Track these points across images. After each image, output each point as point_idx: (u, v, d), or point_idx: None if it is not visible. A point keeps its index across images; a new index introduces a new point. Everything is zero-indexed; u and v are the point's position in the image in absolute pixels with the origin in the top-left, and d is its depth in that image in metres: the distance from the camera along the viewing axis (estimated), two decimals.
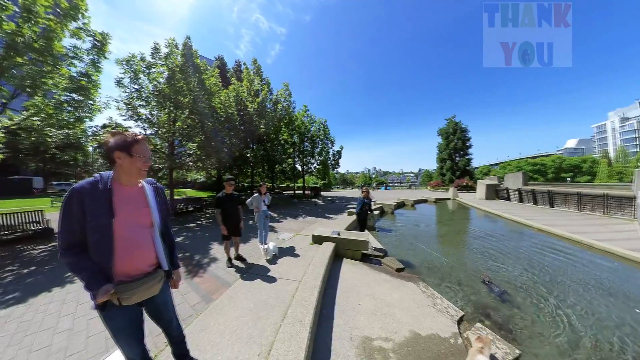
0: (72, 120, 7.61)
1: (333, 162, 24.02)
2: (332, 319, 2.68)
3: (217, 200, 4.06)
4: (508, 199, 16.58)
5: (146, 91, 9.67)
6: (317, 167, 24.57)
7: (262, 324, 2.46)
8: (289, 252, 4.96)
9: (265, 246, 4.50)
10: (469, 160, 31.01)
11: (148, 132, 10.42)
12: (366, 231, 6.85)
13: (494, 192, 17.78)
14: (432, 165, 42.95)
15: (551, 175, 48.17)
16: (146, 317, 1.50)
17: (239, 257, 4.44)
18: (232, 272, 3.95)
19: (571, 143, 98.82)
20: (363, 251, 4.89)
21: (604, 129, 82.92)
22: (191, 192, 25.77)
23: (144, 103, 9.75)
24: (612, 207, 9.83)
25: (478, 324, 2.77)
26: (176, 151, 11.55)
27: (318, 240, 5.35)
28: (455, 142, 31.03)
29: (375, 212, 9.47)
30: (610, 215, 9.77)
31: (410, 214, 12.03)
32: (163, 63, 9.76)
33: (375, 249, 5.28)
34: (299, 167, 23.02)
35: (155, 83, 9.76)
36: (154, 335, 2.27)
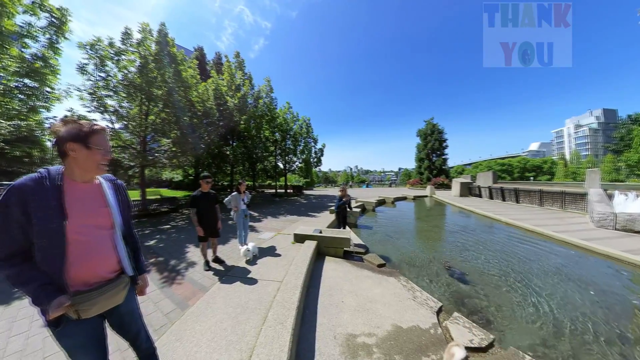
0: (24, 109, 6.79)
1: (315, 160, 23.92)
2: (315, 318, 2.63)
3: (193, 199, 3.83)
4: (480, 196, 17.70)
5: (114, 80, 8.82)
6: (300, 165, 24.43)
7: (242, 328, 2.35)
8: (270, 252, 4.83)
9: (245, 247, 4.32)
10: (445, 160, 32.68)
11: (117, 125, 9.61)
12: (347, 228, 6.93)
13: (467, 190, 18.88)
14: (411, 164, 44.72)
15: (517, 175, 52.71)
16: (110, 331, 1.34)
17: (217, 259, 4.24)
18: (210, 275, 3.75)
19: (534, 146, 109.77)
20: (345, 248, 4.90)
21: (561, 134, 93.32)
22: (166, 192, 24.32)
23: (111, 93, 8.89)
24: (568, 202, 10.94)
25: (456, 313, 2.90)
26: (149, 147, 10.78)
27: (300, 239, 5.27)
28: (432, 143, 32.46)
29: (356, 210, 9.56)
30: (566, 209, 10.83)
31: (390, 211, 12.39)
32: (135, 50, 8.96)
33: (357, 246, 5.33)
34: (281, 165, 22.68)
35: (125, 72, 8.94)
36: (122, 350, 2.06)
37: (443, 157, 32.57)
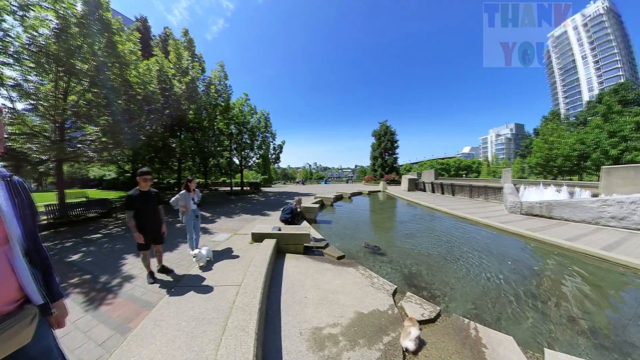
0: None
1: (274, 156, 23.30)
2: (279, 318, 2.57)
3: (128, 200, 3.23)
4: (424, 190, 19.97)
5: (17, 43, 6.56)
6: (257, 161, 23.45)
7: (199, 343, 2.12)
8: (226, 254, 4.51)
9: (197, 251, 3.90)
10: (396, 158, 35.82)
11: (20, 106, 7.52)
12: (306, 224, 6.97)
13: (414, 185, 21.10)
14: (366, 162, 47.41)
15: (453, 172, 61.45)
16: None
17: (164, 269, 3.71)
18: (156, 288, 3.25)
19: (466, 149, 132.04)
20: (305, 244, 4.91)
21: (486, 141, 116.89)
22: (95, 193, 20.43)
23: (11, 61, 6.64)
24: (489, 194, 13.30)
25: (408, 293, 3.24)
26: (68, 136, 8.76)
27: (258, 238, 5.06)
28: (385, 143, 35.11)
29: (315, 205, 9.59)
30: (488, 200, 13.15)
31: (347, 206, 13.00)
32: (50, 7, 6.77)
33: (317, 241, 5.40)
34: (237, 161, 21.40)
35: (34, 34, 6.72)
36: None
37: (394, 156, 35.60)
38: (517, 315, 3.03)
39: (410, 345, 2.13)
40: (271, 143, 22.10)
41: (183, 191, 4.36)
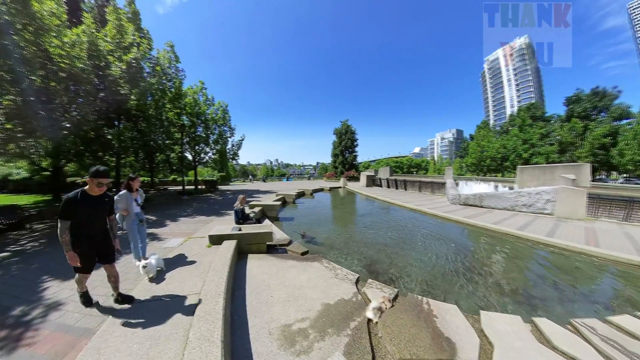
0: None
1: (232, 152, 21.91)
2: (246, 321, 2.47)
3: (67, 206, 2.36)
4: (381, 186, 21.49)
5: None
6: (214, 157, 21.77)
7: None
8: (180, 261, 4.11)
9: (145, 262, 3.37)
10: (356, 156, 37.62)
11: None
12: (268, 222, 6.83)
13: (372, 181, 22.51)
14: (327, 159, 48.68)
15: (405, 170, 68.01)
16: None
17: (124, 299, 2.79)
18: (94, 312, 2.69)
19: (417, 149, 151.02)
20: (268, 243, 4.82)
21: (433, 143, 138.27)
22: None
23: None
24: (435, 189, 15.11)
25: (369, 280, 3.50)
26: None
27: (216, 240, 4.74)
28: (346, 141, 36.48)
29: (276, 203, 9.42)
30: (434, 193, 14.91)
31: (309, 202, 13.19)
32: None
33: (280, 239, 5.33)
34: (190, 157, 19.54)
35: None
36: None
37: (354, 154, 37.31)
38: (459, 287, 3.64)
39: (370, 314, 2.49)
40: (229, 138, 20.72)
41: (123, 191, 3.77)
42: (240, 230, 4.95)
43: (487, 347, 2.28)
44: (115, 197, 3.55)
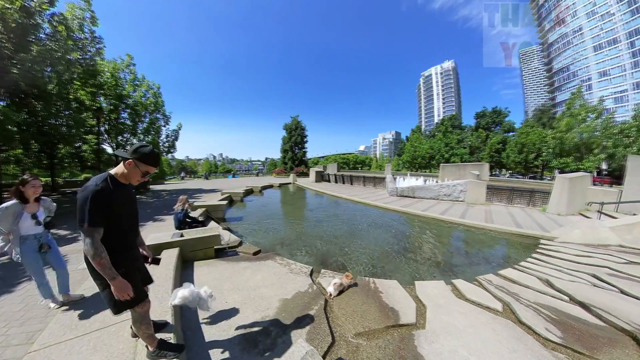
0: None
1: (167, 144, 18.88)
2: (201, 334, 2.22)
3: (98, 202, 1.38)
4: (329, 181, 22.32)
5: None
6: None
7: None
8: None
9: (54, 305, 2.55)
10: (305, 152, 38.01)
11: None
12: (214, 224, 6.23)
13: (321, 177, 23.22)
14: (277, 154, 47.82)
15: (352, 166, 72.34)
16: None
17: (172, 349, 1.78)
18: None
19: (362, 147, 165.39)
20: (216, 247, 4.42)
21: (376, 142, 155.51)
22: None
23: None
24: (377, 183, 16.66)
25: (323, 270, 3.68)
26: None
27: (154, 250, 4.06)
28: (296, 137, 36.41)
29: (223, 202, 8.64)
30: (377, 187, 16.42)
31: (258, 199, 12.71)
32: None
33: (229, 241, 4.98)
34: (110, 150, 16.23)
35: None
36: None
37: (304, 150, 37.60)
38: (399, 265, 4.23)
39: (331, 289, 2.87)
40: (163, 127, 17.92)
41: (11, 202, 2.40)
42: (182, 236, 4.38)
43: (422, 308, 2.77)
44: None
